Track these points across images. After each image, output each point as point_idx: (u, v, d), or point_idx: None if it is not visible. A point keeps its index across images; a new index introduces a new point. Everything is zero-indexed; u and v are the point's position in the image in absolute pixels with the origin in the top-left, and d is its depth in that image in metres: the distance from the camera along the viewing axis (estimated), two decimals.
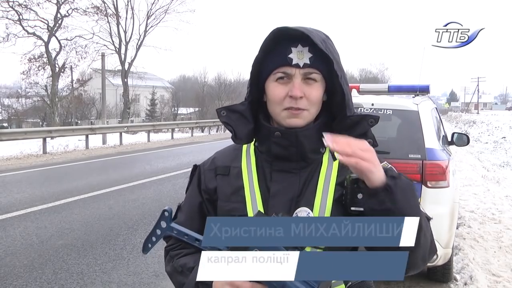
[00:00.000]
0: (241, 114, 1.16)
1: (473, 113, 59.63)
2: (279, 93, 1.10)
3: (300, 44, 1.09)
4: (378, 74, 66.00)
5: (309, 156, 1.14)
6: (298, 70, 1.09)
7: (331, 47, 1.10)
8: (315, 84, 1.11)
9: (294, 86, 1.09)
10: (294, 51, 1.09)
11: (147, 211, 6.69)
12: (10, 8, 26.13)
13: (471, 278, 4.15)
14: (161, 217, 1.06)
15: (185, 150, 17.09)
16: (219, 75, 48.15)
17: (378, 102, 4.09)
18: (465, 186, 8.69)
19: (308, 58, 1.09)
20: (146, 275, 4.36)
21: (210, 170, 1.24)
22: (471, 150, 16.34)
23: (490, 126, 29.75)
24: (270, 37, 1.10)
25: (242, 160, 1.20)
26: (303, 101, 1.09)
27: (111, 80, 38.81)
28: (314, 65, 1.09)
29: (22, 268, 4.45)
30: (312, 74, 1.10)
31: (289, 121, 1.11)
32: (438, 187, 3.65)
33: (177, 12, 34.47)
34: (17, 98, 36.23)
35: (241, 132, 1.16)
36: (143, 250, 1.11)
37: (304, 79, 1.10)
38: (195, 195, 1.25)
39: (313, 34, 1.07)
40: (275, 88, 1.11)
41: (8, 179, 9.77)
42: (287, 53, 1.09)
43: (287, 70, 1.09)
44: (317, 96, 1.11)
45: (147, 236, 1.09)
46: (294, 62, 1.09)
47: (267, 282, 0.91)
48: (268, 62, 1.12)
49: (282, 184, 1.13)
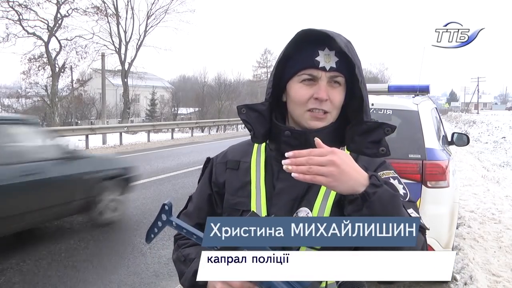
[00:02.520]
0: (260, 114, 1.17)
1: (473, 113, 59.60)
2: (303, 94, 1.11)
3: (327, 47, 1.10)
4: (378, 74, 65.99)
5: None
6: (324, 73, 1.10)
7: (353, 52, 1.11)
8: (339, 87, 1.12)
9: (320, 89, 1.10)
10: (321, 54, 1.10)
11: (147, 211, 6.69)
12: (10, 8, 26.14)
13: (471, 278, 4.15)
14: (162, 210, 1.07)
15: (185, 150, 17.08)
16: (219, 75, 48.22)
17: (378, 102, 4.09)
18: (465, 186, 8.69)
19: (335, 62, 1.10)
20: (146, 275, 4.36)
21: (222, 164, 1.27)
22: (471, 150, 16.33)
23: (490, 126, 29.73)
24: (296, 38, 1.11)
25: (253, 156, 1.22)
26: (327, 103, 1.11)
27: (111, 80, 38.80)
28: (339, 69, 1.11)
29: (22, 268, 4.44)
30: (337, 78, 1.11)
31: (311, 123, 1.12)
32: (438, 187, 3.65)
33: (177, 12, 34.49)
34: (17, 98, 36.19)
35: (259, 131, 1.17)
36: (146, 239, 1.12)
37: (329, 82, 1.11)
38: (205, 187, 1.28)
39: (338, 38, 1.07)
40: (300, 89, 1.12)
41: None
42: (314, 55, 1.10)
43: (313, 73, 1.11)
44: (340, 100, 1.13)
45: (149, 226, 1.10)
46: (321, 65, 1.10)
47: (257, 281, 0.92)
48: (294, 63, 1.13)
49: (287, 183, 1.13)
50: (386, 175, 1.17)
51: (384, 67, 76.36)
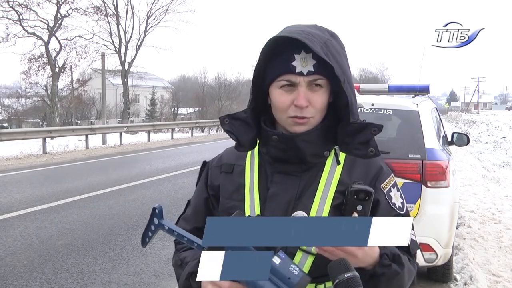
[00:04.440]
0: (243, 121, 1.16)
1: (473, 113, 59.59)
2: (283, 101, 1.09)
3: (303, 50, 1.05)
4: (378, 74, 65.99)
5: (309, 159, 1.13)
6: (303, 78, 1.06)
7: (334, 50, 1.06)
8: (320, 90, 1.09)
9: (299, 95, 1.07)
10: (297, 58, 1.06)
11: (147, 211, 6.68)
12: (10, 8, 26.15)
13: (471, 278, 4.15)
14: (153, 214, 1.07)
15: (185, 150, 17.08)
16: (219, 75, 48.25)
17: (378, 102, 4.08)
18: (465, 186, 8.69)
19: (312, 65, 1.06)
20: (146, 275, 4.36)
21: (217, 167, 1.26)
22: (471, 150, 16.33)
23: (490, 126, 29.72)
24: (269, 44, 1.07)
25: (247, 160, 1.21)
26: (308, 109, 1.08)
27: (111, 80, 38.80)
28: (318, 72, 1.06)
29: (22, 268, 4.45)
30: (318, 81, 1.08)
31: (295, 128, 1.10)
32: (438, 187, 3.65)
33: (177, 12, 34.60)
34: (17, 98, 36.22)
35: (244, 139, 1.16)
36: (142, 243, 1.12)
37: (309, 86, 1.08)
38: (202, 191, 1.28)
39: (314, 40, 1.03)
40: (280, 96, 1.09)
41: (8, 179, 9.77)
42: (290, 60, 1.06)
43: (291, 78, 1.07)
44: (322, 103, 1.10)
45: (143, 231, 1.11)
46: (298, 70, 1.06)
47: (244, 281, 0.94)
48: (271, 69, 1.10)
49: (281, 186, 1.13)
50: (387, 185, 1.17)
51: (384, 67, 76.45)
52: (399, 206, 1.16)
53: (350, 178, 1.13)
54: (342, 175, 1.13)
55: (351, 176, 1.13)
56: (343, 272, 0.96)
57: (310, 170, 1.14)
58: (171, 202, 7.29)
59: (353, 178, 1.13)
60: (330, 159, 1.15)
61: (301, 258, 1.08)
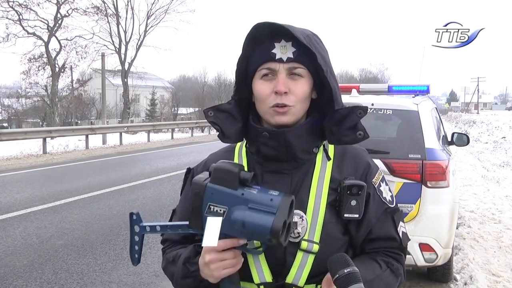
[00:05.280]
0: (228, 113, 1.16)
1: (473, 113, 59.51)
2: (264, 90, 1.09)
3: (283, 39, 1.07)
4: (378, 74, 65.96)
5: (300, 156, 1.13)
6: (282, 65, 1.08)
7: (316, 43, 1.08)
8: (301, 79, 1.09)
9: (278, 82, 1.07)
10: (277, 46, 1.08)
11: (147, 211, 6.68)
12: (10, 8, 26.14)
13: (471, 278, 4.15)
14: (131, 221, 1.09)
15: (185, 150, 17.09)
16: (219, 75, 48.39)
17: (378, 102, 4.08)
18: (465, 186, 8.69)
19: (292, 52, 1.07)
20: (146, 275, 4.36)
21: None
22: (471, 150, 16.33)
23: (490, 126, 29.69)
24: (250, 34, 1.08)
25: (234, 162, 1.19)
26: (288, 97, 1.08)
27: (111, 80, 38.79)
28: (298, 59, 1.08)
29: (22, 268, 4.45)
30: (297, 69, 1.08)
31: (277, 119, 1.10)
32: (438, 187, 3.65)
33: (177, 12, 34.53)
34: (17, 98, 36.21)
35: (229, 131, 1.15)
36: (132, 262, 1.13)
37: (289, 74, 1.08)
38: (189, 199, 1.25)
39: (295, 29, 1.06)
40: (260, 86, 1.10)
41: (8, 179, 9.77)
42: (270, 48, 1.08)
43: (271, 66, 1.08)
44: (303, 92, 1.09)
45: (129, 249, 1.11)
46: (278, 56, 1.07)
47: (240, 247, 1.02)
48: (253, 59, 1.11)
49: (273, 186, 1.12)
50: (377, 180, 1.18)
51: (384, 67, 76.30)
52: (389, 200, 1.19)
53: (341, 175, 1.14)
54: (332, 172, 1.14)
55: (341, 173, 1.15)
56: (343, 267, 0.97)
57: (301, 168, 1.14)
58: (171, 202, 7.28)
59: (343, 174, 1.14)
60: (319, 155, 1.16)
61: (302, 258, 1.08)
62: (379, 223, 1.15)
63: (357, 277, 0.96)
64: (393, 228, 1.16)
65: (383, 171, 3.87)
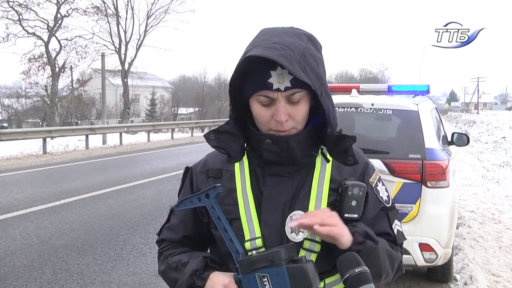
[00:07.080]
0: (229, 133, 1.16)
1: (473, 113, 59.55)
2: (264, 116, 1.10)
3: (279, 66, 1.04)
4: (378, 74, 65.89)
5: (301, 160, 1.14)
6: (280, 94, 1.06)
7: (312, 59, 1.06)
8: (300, 103, 1.09)
9: (278, 111, 1.07)
10: (273, 74, 1.05)
11: (147, 211, 6.68)
12: (10, 8, 26.15)
13: (471, 278, 4.15)
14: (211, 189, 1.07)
15: (185, 150, 17.10)
16: (219, 75, 48.20)
17: (378, 102, 4.08)
18: (465, 186, 8.69)
19: (289, 81, 1.05)
20: (146, 275, 4.36)
21: (202, 173, 1.24)
22: (471, 150, 16.33)
23: (490, 126, 29.71)
24: (243, 66, 1.07)
25: (235, 164, 1.19)
26: (288, 122, 1.09)
27: (111, 80, 38.79)
28: (296, 86, 1.06)
29: (22, 268, 4.45)
30: (295, 95, 1.08)
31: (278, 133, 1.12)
32: (438, 187, 3.64)
33: (177, 12, 34.45)
34: (17, 98, 36.22)
35: (234, 150, 1.17)
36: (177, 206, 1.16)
37: (288, 100, 1.08)
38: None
39: (291, 55, 1.02)
40: (259, 111, 1.10)
41: (8, 179, 9.77)
42: (266, 77, 1.06)
43: (269, 94, 1.07)
44: (302, 115, 1.11)
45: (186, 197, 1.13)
46: (275, 87, 1.06)
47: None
48: (248, 85, 1.10)
49: (274, 188, 1.14)
50: (374, 179, 1.21)
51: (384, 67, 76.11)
52: (385, 199, 1.21)
53: (340, 176, 1.16)
54: (332, 173, 1.16)
55: (341, 174, 1.16)
56: (354, 267, 0.97)
57: (301, 171, 1.16)
58: (171, 202, 7.25)
59: (343, 175, 1.16)
60: (318, 158, 1.17)
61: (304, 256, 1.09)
62: (375, 221, 1.17)
63: (368, 277, 0.96)
64: (388, 225, 1.18)
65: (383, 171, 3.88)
